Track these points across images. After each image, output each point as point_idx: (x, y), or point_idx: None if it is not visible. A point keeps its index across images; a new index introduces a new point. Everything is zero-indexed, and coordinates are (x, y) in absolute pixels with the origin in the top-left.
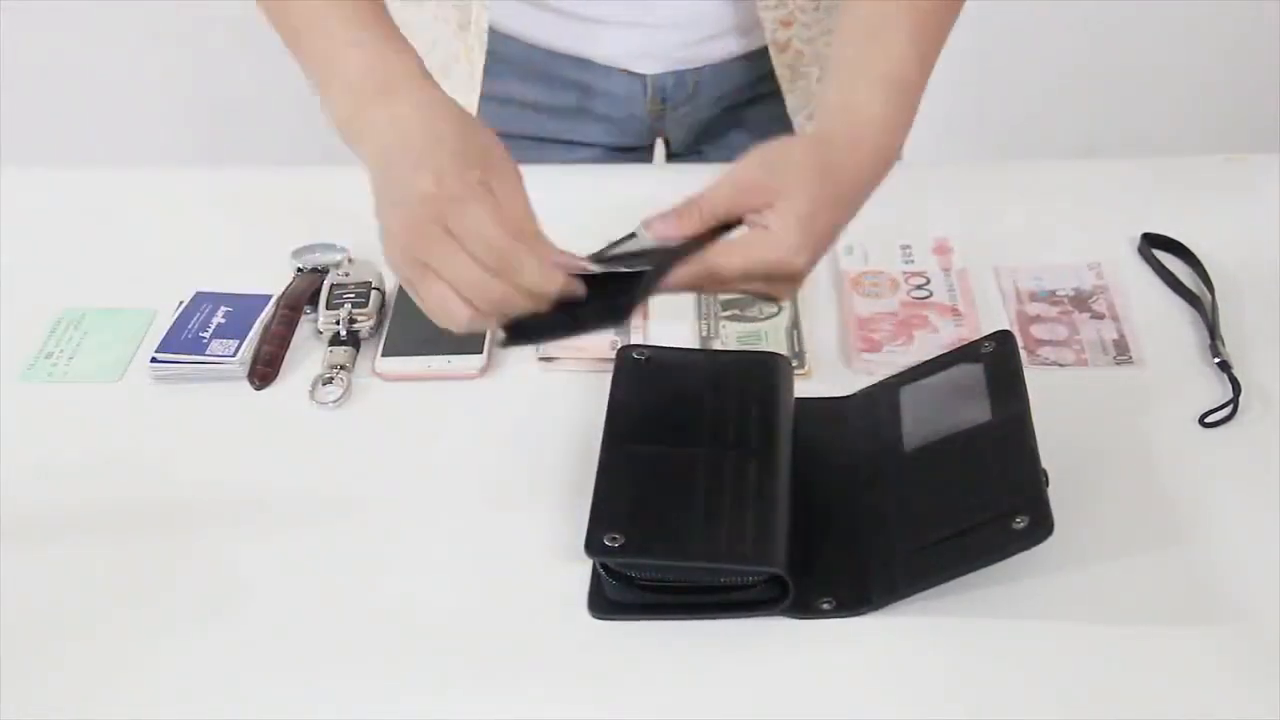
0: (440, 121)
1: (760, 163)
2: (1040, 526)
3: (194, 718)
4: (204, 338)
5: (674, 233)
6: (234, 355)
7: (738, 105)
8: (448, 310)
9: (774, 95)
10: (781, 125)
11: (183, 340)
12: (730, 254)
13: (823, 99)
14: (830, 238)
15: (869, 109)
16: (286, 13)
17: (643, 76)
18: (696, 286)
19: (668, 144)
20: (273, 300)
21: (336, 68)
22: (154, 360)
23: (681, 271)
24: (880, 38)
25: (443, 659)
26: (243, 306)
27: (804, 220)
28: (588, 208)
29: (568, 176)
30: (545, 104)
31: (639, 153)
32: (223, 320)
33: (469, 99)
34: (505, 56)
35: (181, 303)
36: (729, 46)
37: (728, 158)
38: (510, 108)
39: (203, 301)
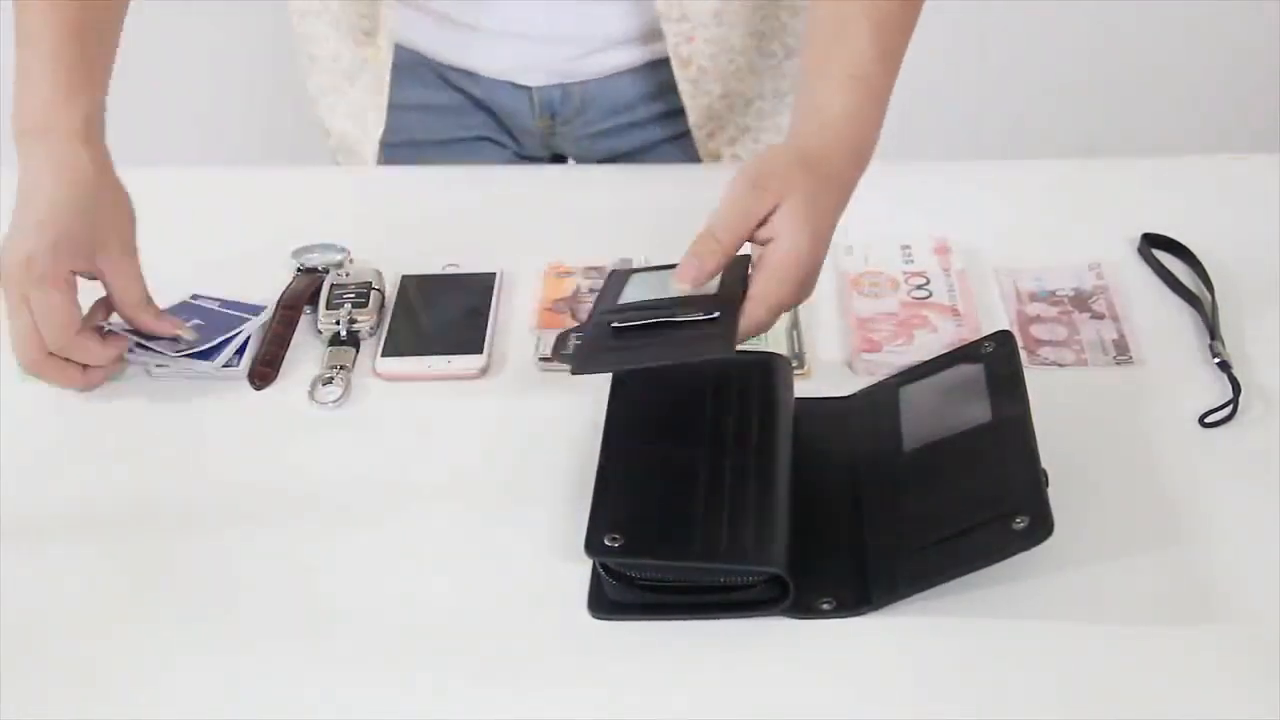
0: (67, 188)
1: (748, 177)
2: (1040, 527)
3: (194, 717)
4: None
5: (705, 277)
6: (214, 367)
7: (633, 125)
8: (18, 343)
9: (670, 118)
10: (685, 146)
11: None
12: (768, 295)
13: (796, 103)
14: (831, 223)
15: (835, 107)
16: (23, 9)
17: (528, 89)
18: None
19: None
20: (274, 302)
21: (30, 89)
22: (132, 350)
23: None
24: (842, 39)
25: (443, 659)
26: (226, 317)
27: (807, 216)
28: (507, 208)
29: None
30: (450, 107)
31: (543, 160)
32: (202, 321)
33: (377, 105)
34: (403, 64)
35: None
36: (617, 60)
37: None
38: (413, 114)
39: (197, 302)
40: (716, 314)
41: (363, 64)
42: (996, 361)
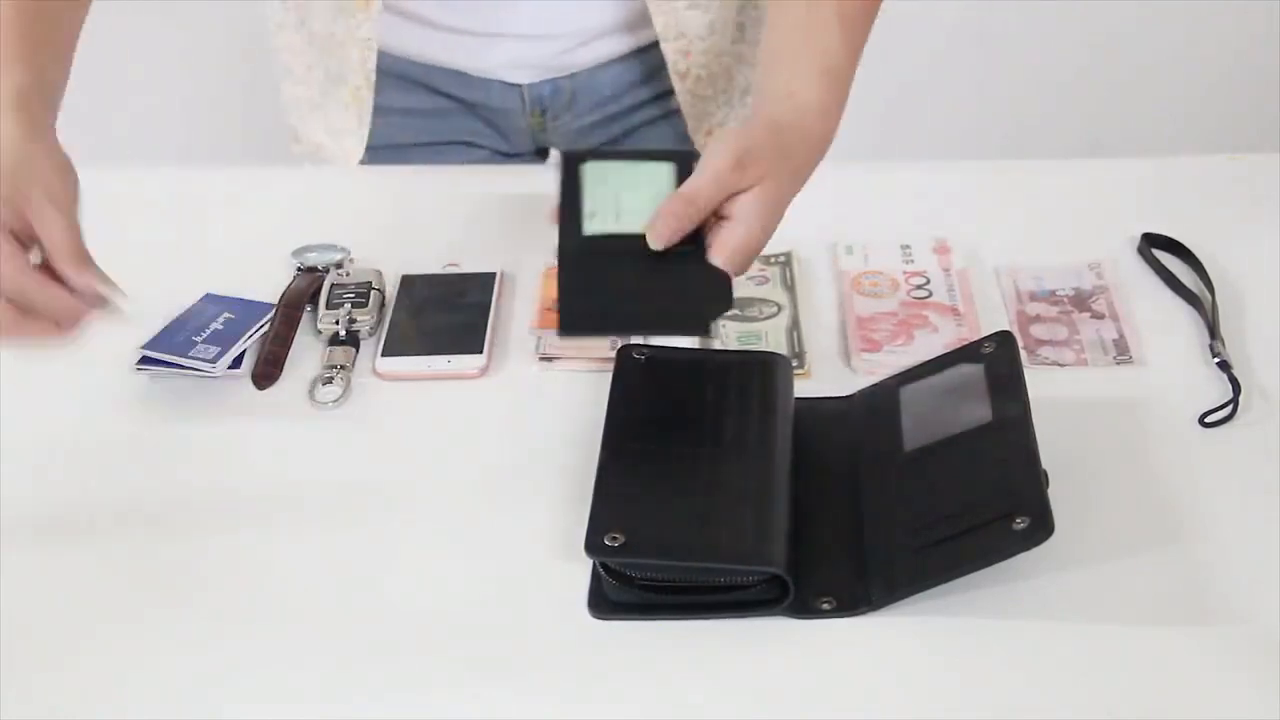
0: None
1: (733, 153)
2: (1040, 527)
3: (195, 717)
4: (195, 340)
5: (676, 239)
6: (214, 361)
7: (622, 113)
8: None
9: (659, 100)
10: (675, 123)
11: (176, 341)
12: (717, 255)
13: (765, 86)
14: (783, 213)
15: (810, 97)
16: None
17: (519, 87)
18: None
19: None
20: (275, 302)
21: None
22: (142, 360)
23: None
24: (812, 31)
25: (443, 658)
26: (244, 314)
27: (773, 205)
28: (506, 208)
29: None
30: (432, 110)
31: (527, 158)
32: (220, 326)
33: (362, 113)
34: (384, 69)
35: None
36: (606, 49)
37: None
38: (394, 117)
39: (210, 304)
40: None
41: (344, 105)
42: (997, 361)
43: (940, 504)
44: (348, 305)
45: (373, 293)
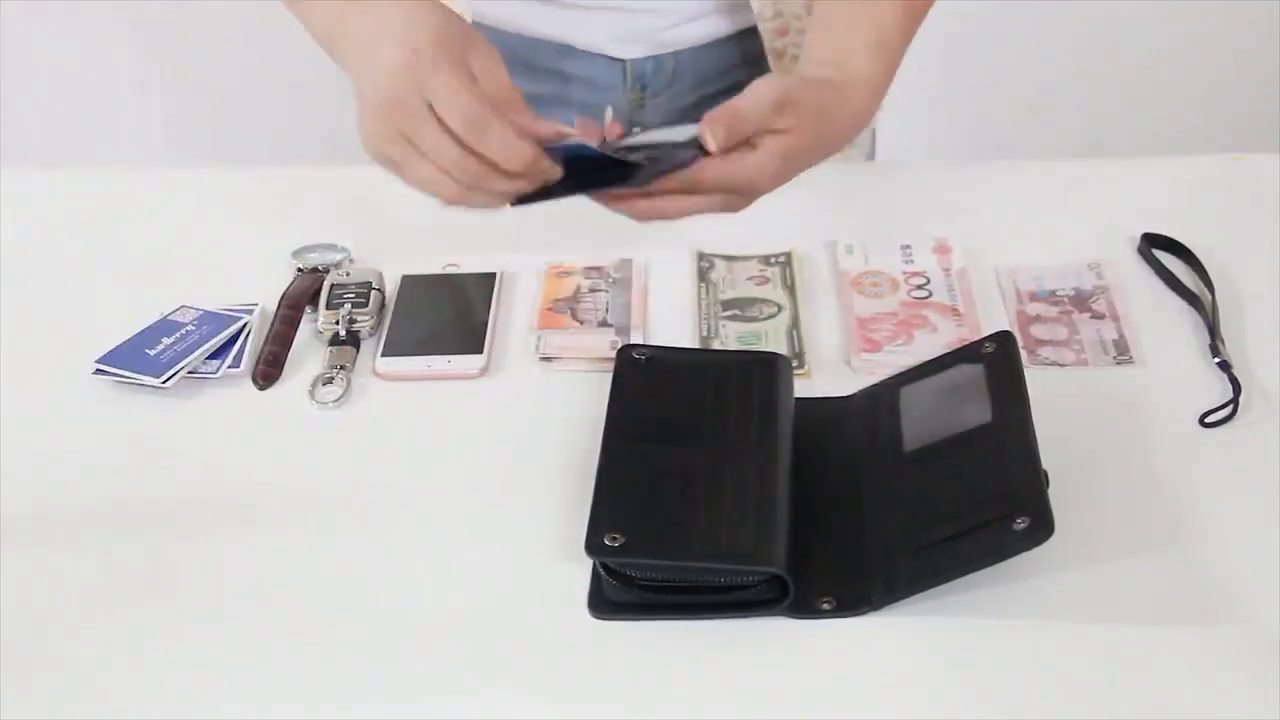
0: (420, 11)
1: (779, 91)
2: (1041, 527)
3: (194, 717)
4: (149, 354)
5: (731, 142)
6: (215, 373)
7: (720, 94)
8: (431, 184)
9: (747, 80)
10: None
11: (129, 355)
12: (715, 167)
13: (813, 50)
14: (797, 173)
15: (859, 67)
16: None
17: (622, 62)
18: (671, 190)
19: None
20: (276, 302)
21: None
22: (97, 371)
23: (668, 179)
24: (872, 6)
25: (442, 659)
26: (210, 327)
27: (792, 157)
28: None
29: None
30: (530, 94)
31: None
32: (181, 341)
33: None
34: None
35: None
36: (708, 29)
37: None
38: None
39: (182, 316)
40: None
41: None
42: (997, 361)
43: (940, 504)
44: (348, 305)
45: (373, 293)
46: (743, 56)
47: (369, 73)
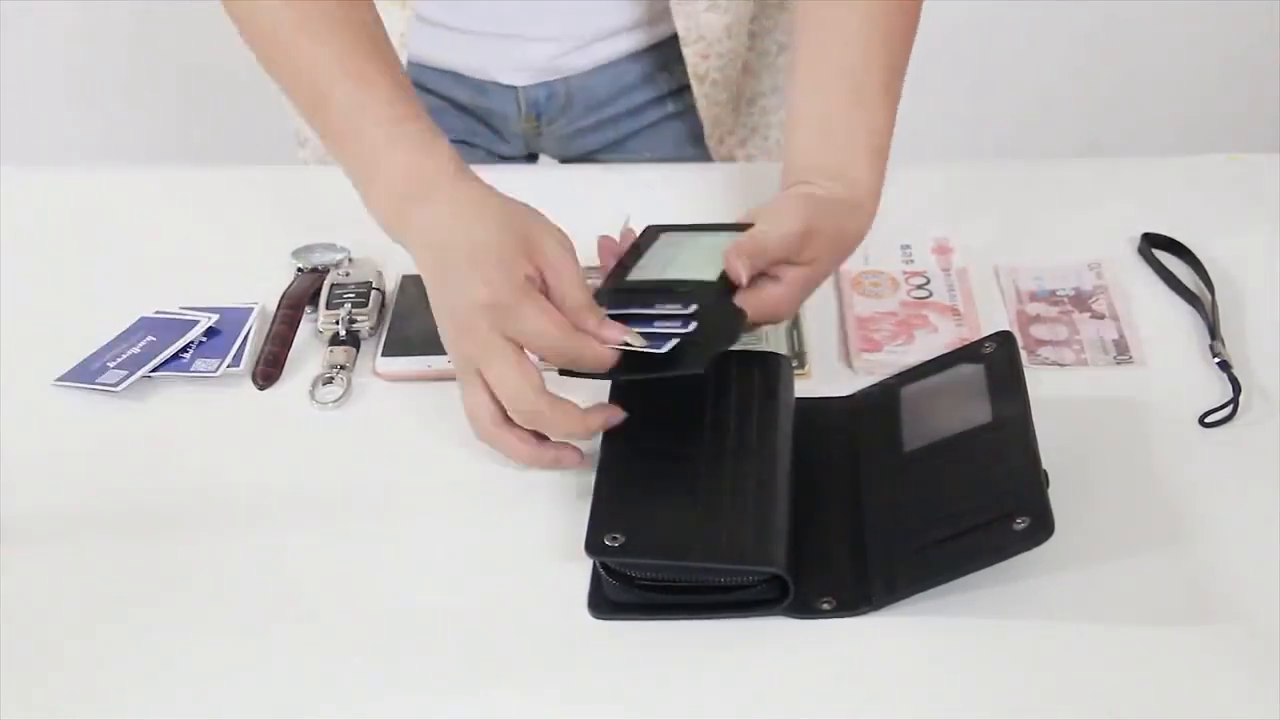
0: (479, 222)
1: (801, 228)
2: (1041, 528)
3: (194, 717)
4: (184, 359)
5: (745, 278)
6: (215, 371)
7: (619, 117)
8: (478, 413)
9: (657, 103)
10: (680, 143)
11: (89, 369)
12: (747, 302)
13: (810, 156)
14: (811, 294)
15: (862, 179)
16: (325, 106)
17: (514, 89)
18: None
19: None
20: (276, 302)
21: (377, 171)
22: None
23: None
24: (862, 107)
25: (443, 659)
26: (169, 333)
27: (811, 285)
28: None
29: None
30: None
31: (521, 161)
32: (204, 339)
33: None
34: None
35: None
36: (600, 53)
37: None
38: None
39: (140, 328)
40: (694, 314)
41: None
42: (997, 361)
43: (940, 504)
44: (348, 305)
45: (373, 293)
46: (641, 76)
47: (443, 294)
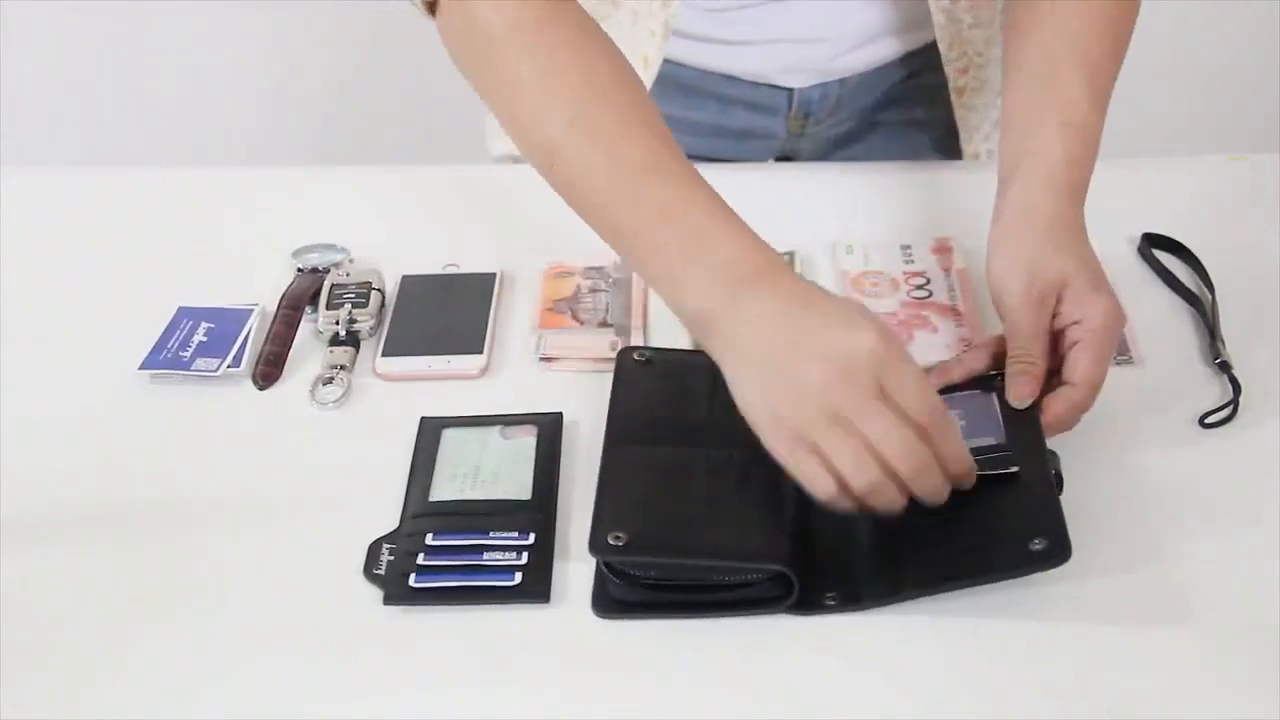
0: (823, 302)
1: (1034, 298)
2: (1057, 551)
3: (194, 717)
4: (184, 357)
5: (1036, 391)
6: (216, 371)
7: (877, 121)
8: (853, 468)
9: (911, 107)
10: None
11: (163, 359)
12: (1097, 375)
13: (1008, 146)
14: (1097, 264)
15: (1054, 155)
16: (642, 188)
17: (789, 90)
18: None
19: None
20: (276, 302)
21: (704, 250)
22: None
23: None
24: (1053, 87)
25: (443, 658)
26: (225, 321)
27: (1092, 279)
28: (507, 208)
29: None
30: (679, 119)
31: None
32: (204, 339)
33: None
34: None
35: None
36: (874, 54)
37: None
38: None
39: (184, 317)
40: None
41: None
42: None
43: (950, 506)
44: (348, 305)
45: (373, 293)
46: (904, 79)
47: (795, 355)
